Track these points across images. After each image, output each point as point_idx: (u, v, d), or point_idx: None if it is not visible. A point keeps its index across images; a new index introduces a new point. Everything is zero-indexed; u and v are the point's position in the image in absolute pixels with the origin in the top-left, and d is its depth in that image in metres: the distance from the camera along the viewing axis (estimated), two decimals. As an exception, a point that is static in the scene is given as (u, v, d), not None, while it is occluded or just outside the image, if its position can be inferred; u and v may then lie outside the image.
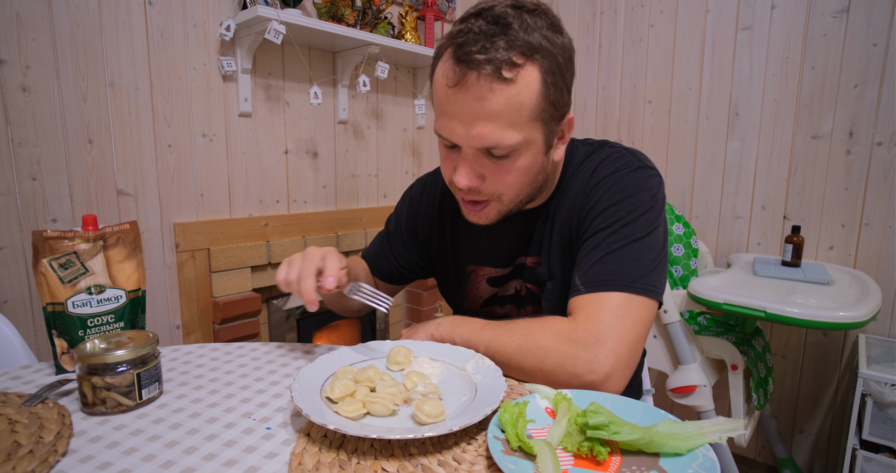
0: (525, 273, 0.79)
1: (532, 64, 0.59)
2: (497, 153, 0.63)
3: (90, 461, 0.45)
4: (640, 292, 0.63)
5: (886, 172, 1.53)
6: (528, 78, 0.59)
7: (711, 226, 1.86)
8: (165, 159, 1.45)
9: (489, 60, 0.57)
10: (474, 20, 0.59)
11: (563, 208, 0.74)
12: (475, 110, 0.59)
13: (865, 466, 1.29)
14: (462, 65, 0.58)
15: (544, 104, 0.61)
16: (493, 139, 0.60)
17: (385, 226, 0.96)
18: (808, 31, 1.62)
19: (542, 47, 0.59)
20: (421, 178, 0.93)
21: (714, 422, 0.45)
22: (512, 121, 0.60)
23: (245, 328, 1.62)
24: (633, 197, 0.68)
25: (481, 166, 0.65)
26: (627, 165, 0.71)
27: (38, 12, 1.20)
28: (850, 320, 1.17)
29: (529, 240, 0.78)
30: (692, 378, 1.42)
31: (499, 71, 0.57)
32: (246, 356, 0.71)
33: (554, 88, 0.61)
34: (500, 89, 0.58)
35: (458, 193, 0.70)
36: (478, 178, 0.66)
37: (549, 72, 0.60)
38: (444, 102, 0.62)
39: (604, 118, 2.08)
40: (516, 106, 0.59)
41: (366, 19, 1.78)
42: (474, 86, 0.58)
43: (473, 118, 0.60)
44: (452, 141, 0.64)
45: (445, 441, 0.48)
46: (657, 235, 0.67)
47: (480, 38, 0.58)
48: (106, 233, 0.68)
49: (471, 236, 0.83)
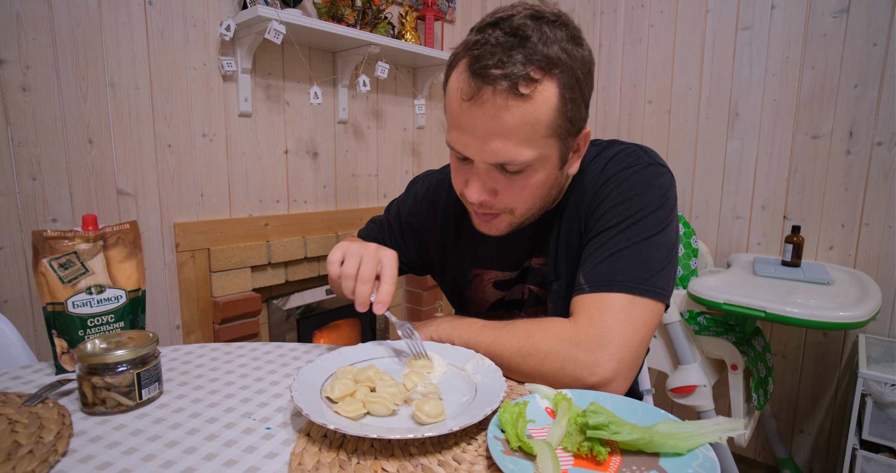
0: (530, 276, 0.78)
1: (550, 79, 0.57)
2: (511, 169, 0.62)
3: (90, 461, 0.45)
4: (645, 294, 0.61)
5: (886, 173, 1.52)
6: (546, 94, 0.57)
7: (711, 226, 1.86)
8: (165, 159, 1.45)
9: (506, 76, 0.55)
10: (492, 31, 0.57)
11: (571, 207, 0.73)
12: (490, 127, 0.58)
13: (865, 466, 1.29)
14: (478, 79, 0.57)
15: (561, 120, 0.60)
16: (508, 156, 0.59)
17: (385, 213, 0.93)
18: (808, 31, 1.62)
19: (561, 61, 0.57)
20: (427, 175, 0.91)
21: (714, 422, 0.45)
22: (527, 137, 0.59)
23: (245, 328, 1.62)
24: (642, 195, 0.66)
25: (494, 181, 0.64)
26: (638, 161, 0.69)
27: (38, 12, 1.20)
28: (850, 320, 1.17)
29: (536, 242, 0.76)
30: (692, 378, 1.42)
31: (515, 87, 0.56)
32: (246, 356, 0.71)
33: (572, 104, 0.60)
34: (516, 106, 0.56)
35: (469, 205, 0.70)
36: (490, 193, 0.65)
37: (567, 87, 0.58)
38: (457, 116, 0.61)
39: (604, 118, 2.08)
40: (532, 122, 0.58)
41: (366, 19, 1.77)
42: (489, 102, 0.57)
43: (488, 134, 0.59)
44: (465, 155, 0.63)
45: (445, 441, 0.48)
46: (667, 234, 0.65)
47: (497, 51, 0.56)
48: (106, 233, 0.68)
49: (475, 240, 0.82)
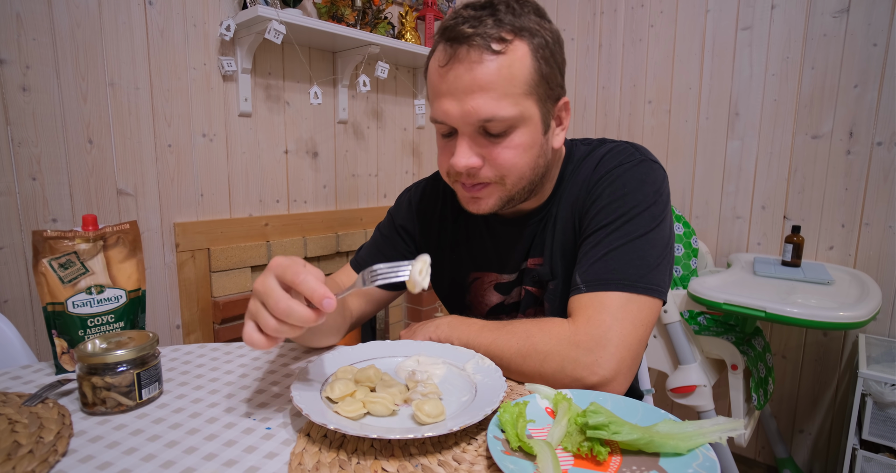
0: (527, 276, 0.77)
1: (521, 40, 0.61)
2: (494, 130, 0.62)
3: (90, 461, 0.45)
4: (642, 292, 0.61)
5: (886, 173, 1.52)
6: (518, 52, 0.60)
7: (711, 226, 1.86)
8: (165, 159, 1.45)
9: (478, 34, 0.59)
10: (462, 10, 0.63)
11: (565, 206, 0.73)
12: (467, 82, 0.60)
13: (865, 466, 1.29)
14: (453, 42, 0.60)
15: (538, 78, 0.62)
16: (489, 111, 0.60)
17: (376, 232, 0.90)
18: (808, 31, 1.62)
19: (530, 27, 0.61)
20: (419, 182, 0.90)
21: (714, 422, 0.45)
22: (506, 92, 0.60)
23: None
24: (635, 192, 0.66)
25: (479, 146, 0.64)
26: (630, 159, 0.69)
27: (38, 12, 1.20)
28: (850, 320, 1.17)
29: (532, 242, 0.76)
30: (692, 378, 1.42)
31: (488, 44, 0.59)
32: (246, 356, 0.71)
33: (545, 64, 0.62)
34: (491, 60, 0.59)
35: (457, 182, 0.68)
36: (477, 157, 0.64)
37: (539, 48, 0.62)
38: (437, 84, 0.63)
39: (604, 118, 2.08)
40: (508, 77, 0.60)
41: (366, 19, 1.77)
42: (465, 59, 0.60)
43: (466, 92, 0.60)
44: (448, 122, 0.63)
45: (445, 441, 0.48)
46: (661, 230, 0.66)
47: (469, 19, 0.60)
48: (106, 233, 0.68)
49: (473, 242, 0.81)
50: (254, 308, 0.49)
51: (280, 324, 0.47)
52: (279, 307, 0.46)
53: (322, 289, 0.46)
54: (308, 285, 0.47)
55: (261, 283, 0.48)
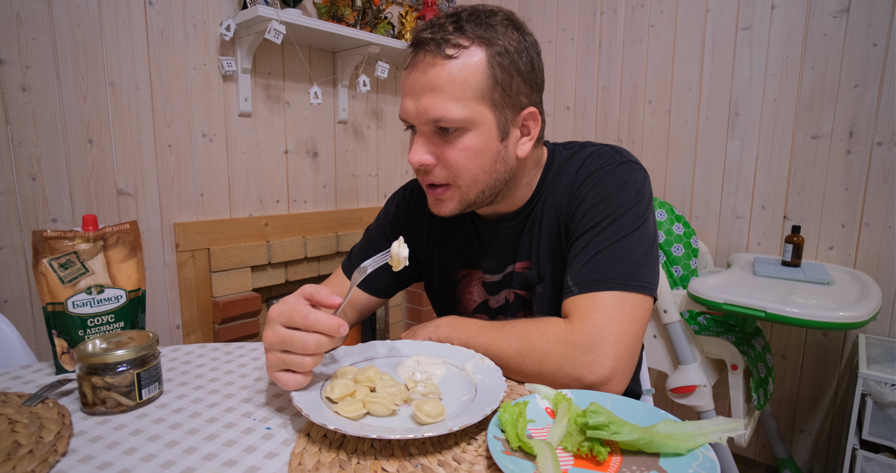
0: (514, 280, 0.78)
1: (478, 46, 0.63)
2: (445, 128, 0.65)
3: (90, 461, 0.45)
4: (633, 289, 0.63)
5: (886, 173, 1.52)
6: (472, 58, 0.63)
7: (711, 226, 1.86)
8: (165, 159, 1.45)
9: (434, 40, 0.63)
10: (435, 18, 0.67)
11: (550, 210, 0.74)
12: (421, 84, 0.64)
13: (865, 466, 1.29)
14: (414, 47, 0.65)
15: (491, 85, 0.64)
16: (438, 111, 0.63)
17: (364, 237, 0.92)
18: (808, 31, 1.62)
19: (490, 35, 0.64)
20: (406, 184, 0.92)
21: (714, 422, 0.45)
22: (455, 95, 0.63)
23: (245, 328, 1.62)
24: (618, 193, 0.68)
25: (433, 144, 0.67)
26: (611, 161, 0.71)
27: (38, 12, 1.20)
28: (850, 320, 1.17)
29: (518, 246, 0.77)
30: (692, 378, 1.42)
31: (441, 48, 0.62)
32: (246, 356, 0.71)
33: (502, 71, 0.64)
34: (443, 64, 0.63)
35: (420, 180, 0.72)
36: (430, 155, 0.67)
37: (496, 55, 0.64)
38: (403, 85, 0.68)
39: (604, 118, 2.08)
40: (459, 82, 0.63)
41: (366, 19, 1.77)
42: (421, 63, 0.64)
43: (420, 92, 0.64)
44: (407, 120, 0.67)
45: (445, 441, 0.48)
46: (646, 229, 0.68)
47: (432, 26, 0.65)
48: (106, 233, 0.68)
49: (460, 242, 0.83)
50: (277, 360, 0.53)
51: (314, 359, 0.53)
52: (308, 346, 0.52)
53: (334, 321, 0.52)
54: (322, 324, 0.52)
55: (273, 334, 0.53)
